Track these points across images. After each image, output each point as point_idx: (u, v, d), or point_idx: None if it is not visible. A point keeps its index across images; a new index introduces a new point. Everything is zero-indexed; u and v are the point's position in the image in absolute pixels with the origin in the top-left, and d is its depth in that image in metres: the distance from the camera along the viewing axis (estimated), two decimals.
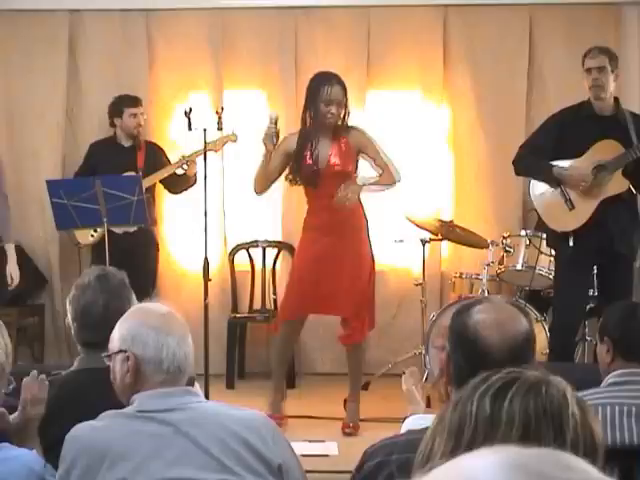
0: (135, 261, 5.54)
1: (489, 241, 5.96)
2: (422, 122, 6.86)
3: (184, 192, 6.47)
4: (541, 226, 5.58)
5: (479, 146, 6.79)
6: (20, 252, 6.66)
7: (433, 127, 6.86)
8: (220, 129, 5.78)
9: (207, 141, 5.57)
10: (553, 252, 5.59)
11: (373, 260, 5.27)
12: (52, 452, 2.49)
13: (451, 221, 6.18)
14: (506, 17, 6.82)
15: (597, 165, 5.17)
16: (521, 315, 2.16)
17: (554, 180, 5.23)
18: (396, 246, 6.37)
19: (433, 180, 6.85)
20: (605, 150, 5.19)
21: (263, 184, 5.27)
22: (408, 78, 6.85)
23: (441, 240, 6.29)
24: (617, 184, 5.20)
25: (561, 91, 6.47)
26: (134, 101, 6.42)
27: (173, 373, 2.35)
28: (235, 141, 6.15)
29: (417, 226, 6.05)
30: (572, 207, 5.22)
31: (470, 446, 1.16)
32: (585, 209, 5.20)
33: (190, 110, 5.61)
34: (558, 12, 6.80)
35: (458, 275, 6.25)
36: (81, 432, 2.30)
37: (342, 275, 5.07)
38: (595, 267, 5.40)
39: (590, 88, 5.25)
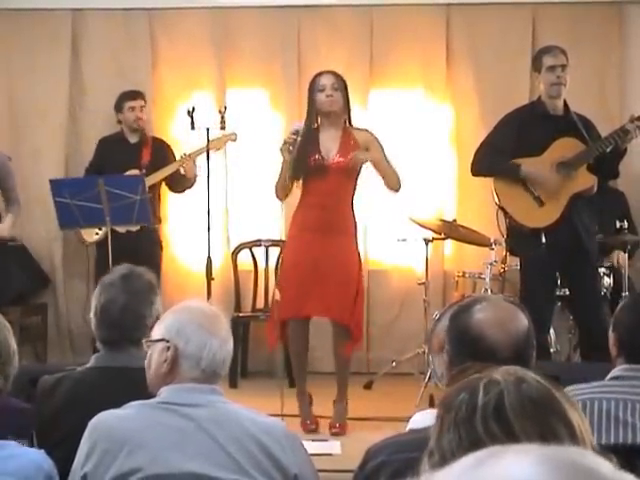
0: (138, 260, 5.49)
1: (492, 240, 5.95)
2: (425, 121, 6.85)
3: (184, 192, 6.45)
4: (510, 230, 5.43)
5: None
6: (23, 251, 6.67)
7: (436, 126, 6.85)
8: (223, 128, 5.78)
9: (209, 140, 5.57)
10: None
11: (360, 267, 5.23)
12: (62, 445, 2.49)
13: (454, 220, 6.17)
14: (509, 15, 6.82)
15: (559, 163, 5.19)
16: (520, 312, 2.16)
17: (519, 179, 5.22)
18: (399, 245, 6.37)
19: (436, 179, 6.85)
20: (565, 148, 5.22)
21: (282, 192, 5.23)
22: (411, 77, 6.85)
23: (444, 239, 6.29)
24: (584, 180, 5.23)
25: None
26: (133, 94, 6.41)
27: (208, 374, 2.35)
28: (235, 140, 6.13)
29: (420, 226, 6.04)
30: (542, 204, 5.23)
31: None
32: (555, 205, 5.21)
33: (193, 109, 5.61)
34: (561, 10, 6.80)
35: (461, 274, 6.24)
36: (103, 419, 2.32)
37: (332, 278, 5.02)
38: (562, 264, 5.32)
39: (551, 85, 5.24)
